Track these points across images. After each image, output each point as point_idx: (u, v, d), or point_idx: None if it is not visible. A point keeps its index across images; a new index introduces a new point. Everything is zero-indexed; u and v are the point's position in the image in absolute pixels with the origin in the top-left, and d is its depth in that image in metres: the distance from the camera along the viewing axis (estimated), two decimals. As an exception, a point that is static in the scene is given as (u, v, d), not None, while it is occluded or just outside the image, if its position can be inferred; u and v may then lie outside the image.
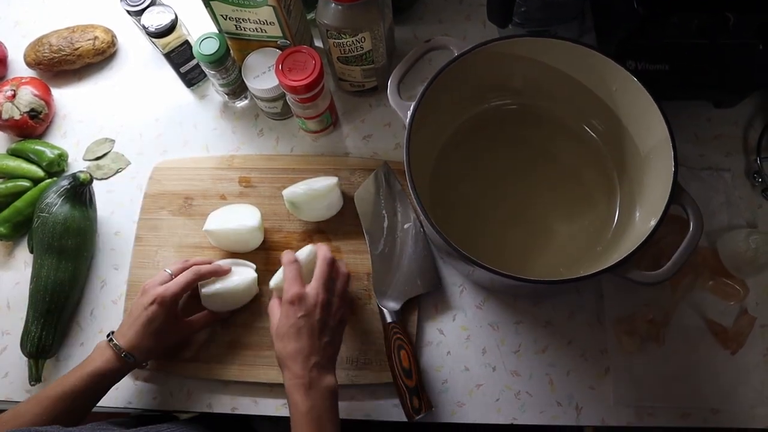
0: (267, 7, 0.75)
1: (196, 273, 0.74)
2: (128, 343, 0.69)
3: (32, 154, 0.88)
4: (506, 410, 0.75)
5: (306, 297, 0.66)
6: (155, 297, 0.71)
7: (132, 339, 0.70)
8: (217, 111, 0.93)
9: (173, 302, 0.72)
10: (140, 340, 0.70)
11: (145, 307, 0.70)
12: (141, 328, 0.70)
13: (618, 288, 0.78)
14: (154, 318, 0.70)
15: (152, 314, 0.70)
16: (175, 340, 0.75)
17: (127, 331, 0.70)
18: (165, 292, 0.71)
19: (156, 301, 0.70)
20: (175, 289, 0.72)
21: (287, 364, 0.64)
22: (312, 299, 0.66)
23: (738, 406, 0.74)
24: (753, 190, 0.83)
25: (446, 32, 0.94)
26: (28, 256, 0.85)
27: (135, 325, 0.70)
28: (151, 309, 0.70)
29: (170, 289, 0.71)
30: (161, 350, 0.74)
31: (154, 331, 0.70)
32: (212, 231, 0.79)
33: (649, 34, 0.73)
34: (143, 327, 0.70)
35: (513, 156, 0.82)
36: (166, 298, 0.71)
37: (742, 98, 0.84)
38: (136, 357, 0.70)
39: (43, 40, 0.94)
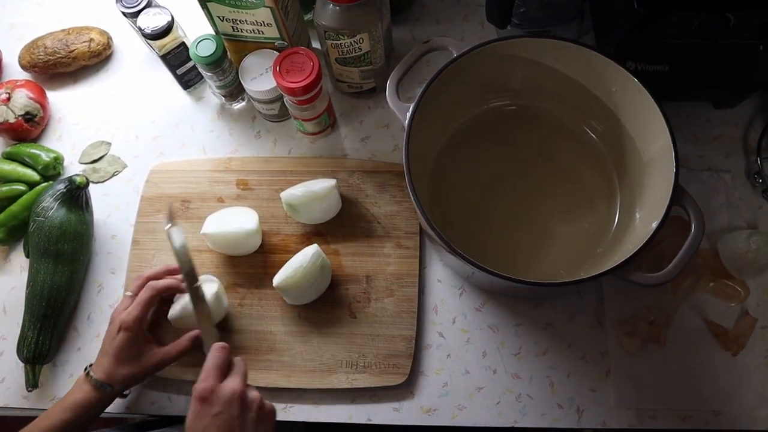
0: (264, 9, 0.75)
1: (153, 289, 0.73)
2: (104, 374, 0.69)
3: (27, 158, 0.87)
4: (507, 413, 0.74)
5: (221, 390, 0.59)
6: (120, 324, 0.70)
7: (107, 368, 0.69)
8: (214, 113, 0.92)
9: (138, 325, 0.70)
10: (114, 369, 0.69)
11: (113, 337, 0.70)
12: (113, 357, 0.69)
13: (618, 290, 0.78)
14: (122, 345, 0.69)
15: (120, 342, 0.69)
16: (152, 364, 0.71)
17: (102, 361, 0.70)
18: (127, 317, 0.70)
19: (121, 327, 0.70)
20: (136, 312, 0.70)
21: None
22: (228, 391, 0.59)
23: (739, 408, 0.74)
24: (753, 191, 0.82)
25: (444, 33, 0.94)
26: (24, 261, 0.84)
27: (108, 355, 0.70)
28: (119, 337, 0.70)
29: (131, 313, 0.70)
30: (140, 376, 0.71)
31: (126, 358, 0.70)
32: (210, 234, 0.78)
33: (648, 35, 0.73)
34: (115, 356, 0.69)
35: (512, 157, 0.82)
36: (129, 323, 0.70)
37: (742, 99, 0.83)
38: (114, 386, 0.69)
39: (38, 43, 0.93)
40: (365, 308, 0.78)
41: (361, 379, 0.75)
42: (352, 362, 0.76)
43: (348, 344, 0.77)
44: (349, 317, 0.78)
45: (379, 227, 0.82)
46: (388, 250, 0.81)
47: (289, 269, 0.75)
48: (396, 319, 0.77)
